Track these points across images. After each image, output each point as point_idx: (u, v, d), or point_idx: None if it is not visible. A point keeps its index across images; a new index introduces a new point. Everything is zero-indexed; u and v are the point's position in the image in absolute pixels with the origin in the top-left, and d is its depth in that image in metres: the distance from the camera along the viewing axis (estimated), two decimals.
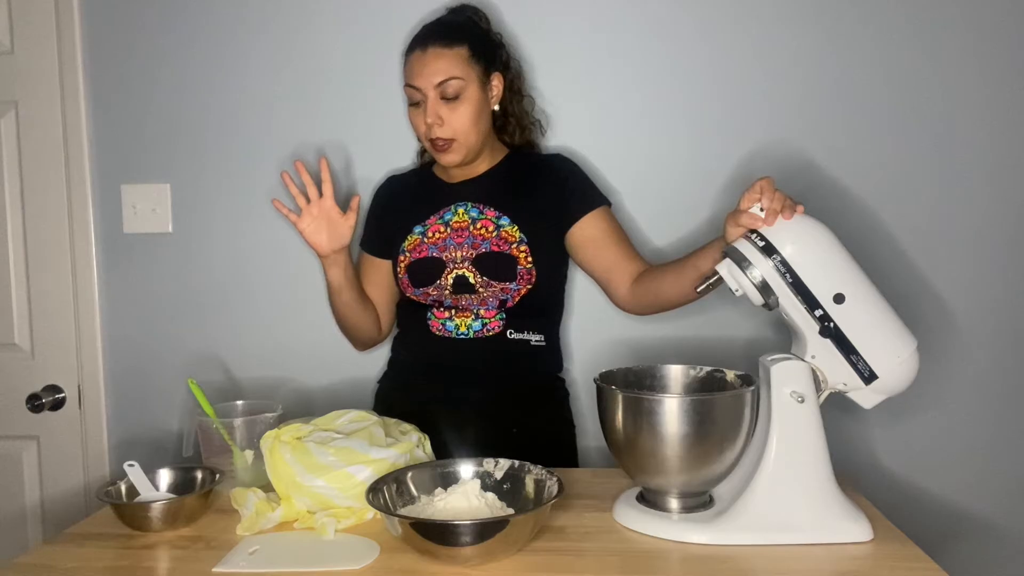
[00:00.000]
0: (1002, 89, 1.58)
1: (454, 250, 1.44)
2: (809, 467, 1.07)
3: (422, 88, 1.39)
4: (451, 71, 1.39)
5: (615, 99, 1.65)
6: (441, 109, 1.39)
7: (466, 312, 1.44)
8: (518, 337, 1.45)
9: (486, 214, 1.46)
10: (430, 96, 1.39)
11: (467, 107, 1.41)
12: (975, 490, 1.64)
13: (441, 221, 1.48)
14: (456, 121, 1.40)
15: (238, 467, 1.28)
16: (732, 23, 1.61)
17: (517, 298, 1.43)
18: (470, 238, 1.44)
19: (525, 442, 1.34)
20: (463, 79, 1.40)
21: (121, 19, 1.72)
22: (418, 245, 1.47)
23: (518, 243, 1.43)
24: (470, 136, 1.42)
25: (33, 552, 1.06)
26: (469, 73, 1.41)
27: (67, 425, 1.78)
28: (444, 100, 1.40)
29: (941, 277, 1.62)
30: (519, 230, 1.44)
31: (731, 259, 1.13)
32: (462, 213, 1.47)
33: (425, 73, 1.39)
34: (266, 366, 1.75)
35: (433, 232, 1.47)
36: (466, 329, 1.44)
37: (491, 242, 1.43)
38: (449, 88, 1.39)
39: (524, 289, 1.43)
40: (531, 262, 1.43)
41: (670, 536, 1.06)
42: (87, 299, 1.77)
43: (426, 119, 1.40)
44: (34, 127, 1.74)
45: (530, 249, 1.43)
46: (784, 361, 1.10)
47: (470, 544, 0.95)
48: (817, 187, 1.61)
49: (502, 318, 1.44)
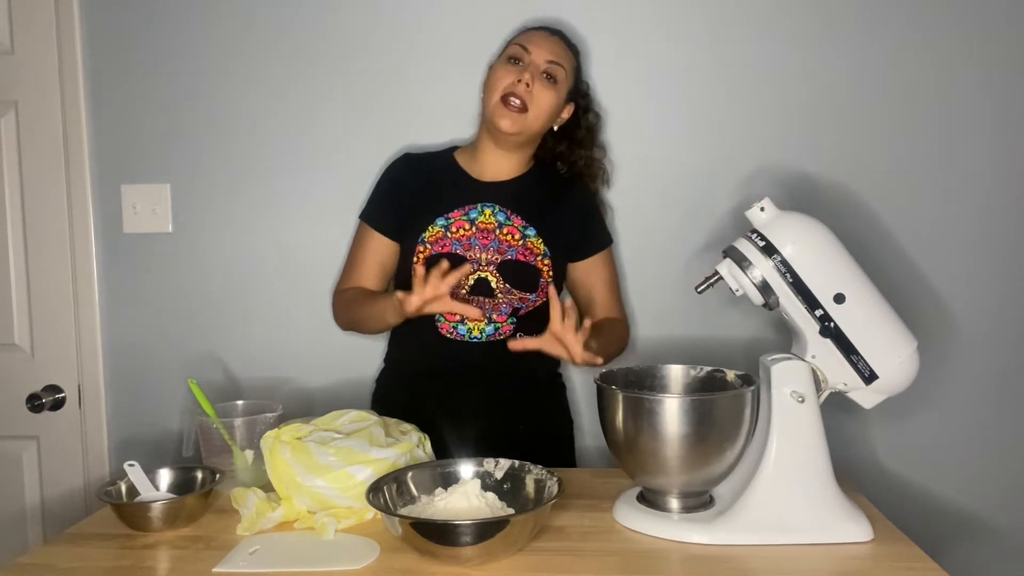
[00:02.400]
0: (1002, 89, 1.59)
1: (479, 251, 1.43)
2: (809, 467, 1.07)
3: (534, 53, 1.43)
4: (564, 60, 1.45)
5: (617, 101, 1.65)
6: (537, 81, 1.42)
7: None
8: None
9: (513, 221, 1.46)
10: (537, 63, 1.43)
11: (554, 97, 1.44)
12: (975, 490, 1.64)
13: (466, 218, 1.46)
14: (542, 98, 1.42)
15: (238, 467, 1.28)
16: (733, 24, 1.61)
17: (531, 308, 1.45)
18: (496, 241, 1.44)
19: (527, 437, 1.34)
20: (566, 74, 1.46)
21: (121, 19, 1.72)
22: (441, 239, 1.45)
23: (542, 256, 1.45)
24: (539, 118, 1.44)
25: (33, 552, 1.06)
26: (567, 78, 1.47)
27: (67, 425, 1.78)
28: (544, 77, 1.43)
29: (941, 277, 1.62)
30: (544, 243, 1.46)
31: (731, 259, 1.13)
32: (489, 214, 1.46)
33: (546, 46, 1.44)
34: (266, 366, 1.75)
35: (457, 228, 1.45)
36: (479, 333, 1.44)
37: (517, 250, 1.44)
38: (555, 70, 1.43)
39: (540, 301, 1.45)
40: (551, 276, 1.46)
41: (670, 536, 1.07)
42: (87, 299, 1.76)
43: (522, 76, 1.41)
44: (34, 127, 1.74)
45: (552, 264, 1.46)
46: (784, 361, 1.10)
47: (470, 544, 0.95)
48: (818, 187, 1.61)
49: (513, 323, 1.44)
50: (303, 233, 1.72)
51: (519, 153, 1.50)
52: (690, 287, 1.26)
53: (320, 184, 1.71)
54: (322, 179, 1.70)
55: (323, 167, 1.71)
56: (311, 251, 1.71)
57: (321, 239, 1.68)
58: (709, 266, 1.20)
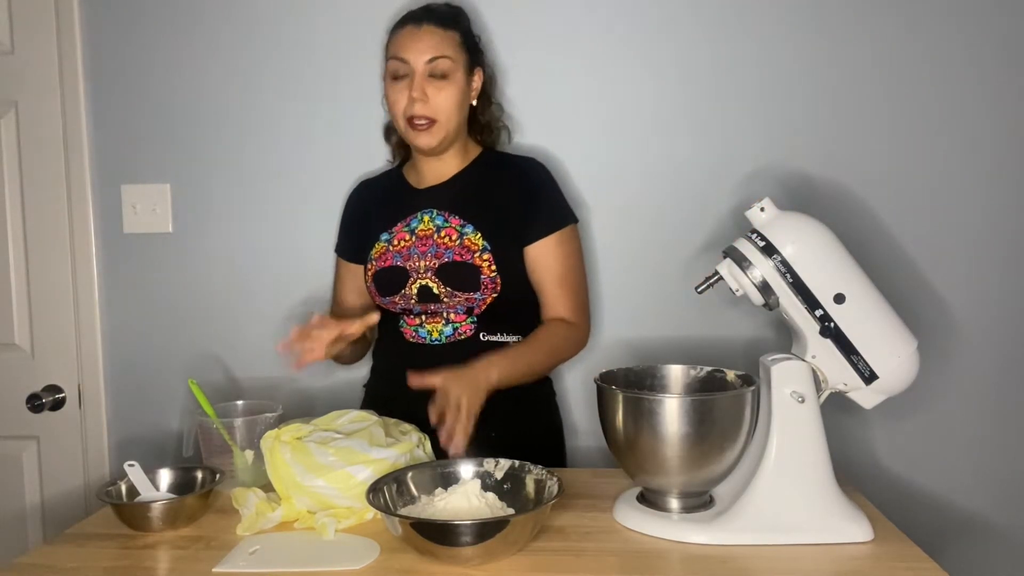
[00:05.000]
0: (1001, 89, 1.58)
1: (417, 259, 1.42)
2: (809, 467, 1.07)
3: (411, 61, 1.37)
4: (444, 50, 1.38)
5: (598, 101, 1.65)
6: (428, 86, 1.38)
7: (436, 318, 1.42)
8: (493, 339, 1.42)
9: (451, 222, 1.43)
10: (418, 71, 1.37)
11: (453, 89, 1.39)
12: (975, 490, 1.64)
13: (407, 229, 1.46)
14: (441, 101, 1.38)
15: (238, 467, 1.28)
16: (734, 23, 1.61)
17: (483, 306, 1.42)
18: (433, 247, 1.42)
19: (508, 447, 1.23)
20: (453, 61, 1.39)
21: (121, 19, 1.72)
22: (384, 253, 1.46)
23: (480, 252, 1.40)
24: (451, 120, 1.41)
25: (33, 552, 1.06)
26: (459, 58, 1.41)
27: (67, 425, 1.78)
28: (432, 78, 1.38)
29: (941, 277, 1.62)
30: (482, 238, 1.41)
31: (731, 259, 1.13)
32: (427, 221, 1.45)
33: (419, 47, 1.37)
34: (266, 366, 1.75)
35: (399, 240, 1.45)
36: (438, 335, 1.42)
37: (454, 251, 1.40)
38: (439, 67, 1.38)
39: (489, 298, 1.41)
40: (495, 271, 1.39)
41: (670, 536, 1.06)
42: (87, 299, 1.76)
43: (411, 93, 1.37)
44: (34, 127, 1.74)
45: (493, 257, 1.39)
46: (784, 361, 1.10)
47: (470, 544, 0.95)
48: (817, 187, 1.61)
49: (473, 322, 1.42)
50: (303, 233, 1.72)
51: (452, 150, 1.47)
52: (690, 287, 1.26)
53: (320, 184, 1.70)
54: (322, 179, 1.70)
55: (323, 167, 1.71)
56: (311, 251, 1.71)
57: (321, 239, 1.68)
58: (709, 266, 1.20)
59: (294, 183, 1.72)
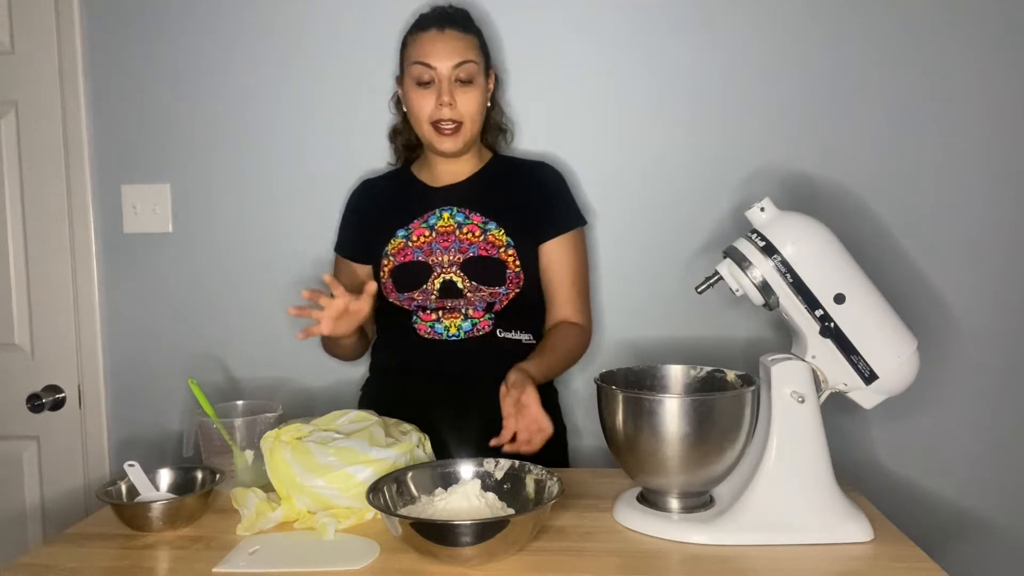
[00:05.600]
0: (1001, 89, 1.58)
1: (441, 254, 1.42)
2: (809, 467, 1.07)
3: (438, 67, 1.38)
4: (468, 55, 1.40)
5: (603, 105, 1.65)
6: (455, 91, 1.39)
7: (454, 313, 1.43)
8: (508, 336, 1.44)
9: (472, 219, 1.45)
10: (445, 76, 1.38)
11: (477, 93, 1.41)
12: (975, 490, 1.64)
13: (426, 225, 1.46)
14: (467, 105, 1.40)
15: (238, 467, 1.28)
16: (734, 22, 1.61)
17: (505, 302, 1.43)
18: (456, 242, 1.43)
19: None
20: (477, 64, 1.41)
21: (121, 19, 1.72)
22: (402, 249, 1.45)
23: (505, 247, 1.42)
24: (476, 123, 1.43)
25: (33, 552, 1.06)
26: (480, 61, 1.42)
27: (67, 425, 1.78)
28: (457, 82, 1.39)
29: (941, 277, 1.62)
30: (505, 234, 1.43)
31: (731, 259, 1.13)
32: (447, 217, 1.46)
33: (445, 52, 1.38)
34: (266, 366, 1.75)
35: (418, 236, 1.45)
36: (456, 330, 1.43)
37: (478, 246, 1.42)
38: (466, 71, 1.39)
39: (513, 293, 1.43)
40: (519, 266, 1.43)
41: (670, 536, 1.06)
42: (87, 299, 1.76)
43: (441, 98, 1.38)
44: (34, 127, 1.74)
45: (517, 253, 1.43)
46: (784, 361, 1.10)
47: (470, 544, 0.95)
48: (817, 187, 1.61)
49: (491, 318, 1.43)
50: (303, 233, 1.72)
51: (468, 152, 1.49)
52: (690, 287, 1.26)
53: (320, 184, 1.70)
54: (322, 179, 1.70)
55: (323, 167, 1.71)
56: (311, 251, 1.71)
57: (321, 238, 1.68)
58: (709, 266, 1.20)
59: (294, 183, 1.72)
